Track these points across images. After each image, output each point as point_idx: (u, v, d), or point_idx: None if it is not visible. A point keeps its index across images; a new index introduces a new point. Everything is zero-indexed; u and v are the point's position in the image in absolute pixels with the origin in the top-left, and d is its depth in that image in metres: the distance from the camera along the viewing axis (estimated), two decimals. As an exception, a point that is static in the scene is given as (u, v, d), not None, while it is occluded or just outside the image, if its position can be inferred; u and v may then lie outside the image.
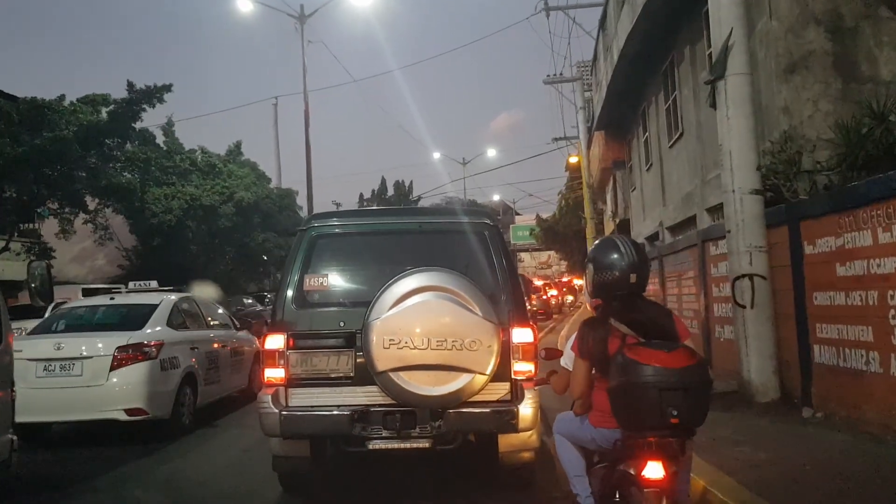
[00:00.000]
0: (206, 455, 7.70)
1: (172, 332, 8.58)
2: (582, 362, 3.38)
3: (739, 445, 6.18)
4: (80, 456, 7.60)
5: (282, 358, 5.01)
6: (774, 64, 8.51)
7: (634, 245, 3.39)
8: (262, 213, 33.00)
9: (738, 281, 7.85)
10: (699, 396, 3.02)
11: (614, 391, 3.13)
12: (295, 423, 4.95)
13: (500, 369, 4.78)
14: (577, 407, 3.57)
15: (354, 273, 5.42)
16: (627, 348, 3.09)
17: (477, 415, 4.85)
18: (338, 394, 4.99)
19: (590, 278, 3.45)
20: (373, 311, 4.71)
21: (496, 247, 5.28)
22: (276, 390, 5.03)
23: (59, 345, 7.81)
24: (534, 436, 5.21)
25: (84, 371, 7.67)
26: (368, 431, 4.92)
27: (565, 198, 45.47)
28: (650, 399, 2.93)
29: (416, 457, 5.54)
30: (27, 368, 7.47)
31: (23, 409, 6.49)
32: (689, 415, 2.98)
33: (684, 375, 2.96)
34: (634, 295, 3.34)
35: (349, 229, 5.58)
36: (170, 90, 22.30)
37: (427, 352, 4.58)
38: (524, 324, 5.06)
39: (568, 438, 3.67)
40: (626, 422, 3.12)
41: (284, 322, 5.09)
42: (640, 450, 3.07)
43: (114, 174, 23.38)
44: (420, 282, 4.73)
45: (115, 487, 6.42)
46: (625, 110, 17.86)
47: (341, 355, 5.01)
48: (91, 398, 7.63)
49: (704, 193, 10.70)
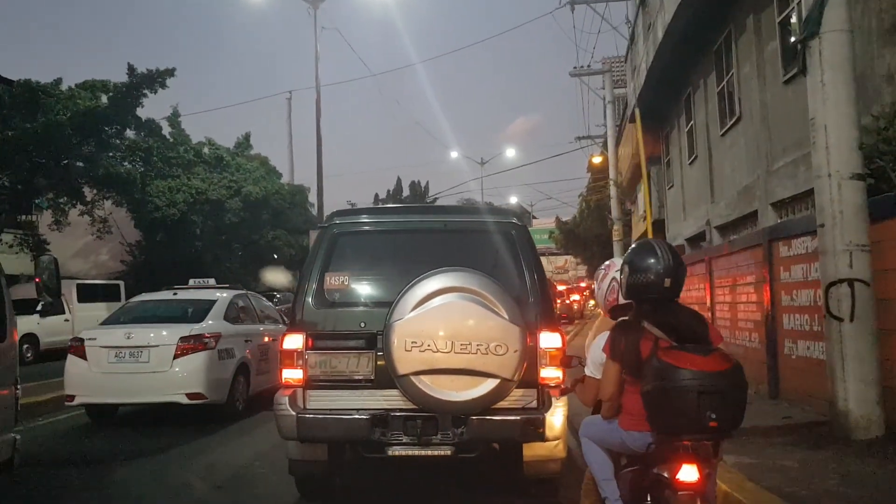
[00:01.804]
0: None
1: (229, 326, 9.23)
2: (613, 365, 3.34)
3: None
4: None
5: (300, 358, 4.87)
6: (876, 22, 6.93)
7: (671, 250, 3.35)
8: (271, 210, 31.66)
9: (833, 287, 6.29)
10: (737, 400, 3.00)
11: (650, 394, 3.06)
12: (312, 426, 4.81)
13: (527, 375, 4.63)
14: (605, 410, 3.48)
15: (377, 272, 5.20)
16: (662, 352, 3.05)
17: (502, 422, 4.68)
18: (357, 397, 4.83)
19: (624, 280, 3.40)
20: (395, 312, 4.56)
21: (524, 247, 5.08)
22: (294, 392, 4.90)
23: (129, 334, 8.60)
24: (560, 445, 4.99)
25: (151, 358, 8.43)
26: (388, 437, 4.75)
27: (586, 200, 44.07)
28: (689, 403, 2.92)
29: (437, 464, 5.46)
30: (101, 355, 8.48)
31: (97, 391, 8.35)
32: (728, 418, 2.97)
33: (722, 379, 2.96)
34: (667, 299, 3.31)
35: (372, 227, 5.38)
36: (173, 74, 21.00)
37: (450, 355, 4.42)
38: (552, 328, 4.86)
39: (596, 442, 3.62)
40: (662, 425, 3.08)
41: (303, 321, 4.95)
42: (675, 453, 3.06)
43: (113, 163, 22.08)
44: (444, 282, 4.57)
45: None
46: (664, 99, 16.29)
47: (361, 357, 4.85)
48: (156, 383, 8.40)
49: (769, 186, 9.17)
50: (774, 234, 8.69)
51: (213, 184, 28.46)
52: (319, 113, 23.80)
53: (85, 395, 8.54)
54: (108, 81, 21.88)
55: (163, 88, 21.03)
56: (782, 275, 8.43)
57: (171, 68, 20.98)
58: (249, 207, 29.71)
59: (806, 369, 7.92)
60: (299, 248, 30.68)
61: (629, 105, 20.56)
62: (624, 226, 25.33)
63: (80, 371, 8.54)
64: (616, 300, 3.71)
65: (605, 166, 33.30)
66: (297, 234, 31.79)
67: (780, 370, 8.60)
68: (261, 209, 30.65)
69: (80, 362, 8.55)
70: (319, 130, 23.85)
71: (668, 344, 3.10)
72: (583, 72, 25.18)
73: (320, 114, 23.74)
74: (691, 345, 3.08)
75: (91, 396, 8.54)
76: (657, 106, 16.97)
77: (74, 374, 8.59)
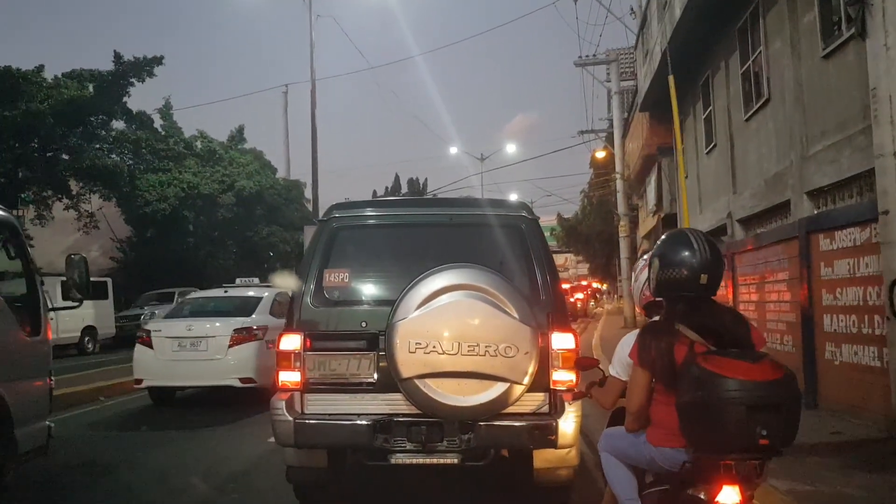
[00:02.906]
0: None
1: (273, 319, 9.68)
2: (642, 372, 2.96)
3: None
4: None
5: (298, 360, 4.61)
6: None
7: (709, 242, 2.94)
8: (266, 205, 30.77)
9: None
10: (791, 414, 2.57)
11: (688, 407, 2.66)
12: (310, 432, 4.53)
13: (538, 378, 4.33)
14: (630, 422, 3.11)
15: (379, 269, 4.94)
16: (702, 358, 2.64)
17: (511, 428, 4.41)
18: (358, 401, 4.58)
19: (654, 275, 3.04)
20: (398, 312, 4.29)
21: (534, 242, 4.80)
22: (291, 395, 4.62)
23: (189, 326, 9.73)
24: (573, 452, 4.71)
25: (209, 347, 9.48)
26: (391, 444, 4.50)
27: (589, 196, 43.18)
28: (737, 417, 2.50)
29: (442, 472, 5.33)
30: (165, 344, 9.59)
31: (162, 376, 9.57)
32: (781, 435, 2.55)
33: (775, 390, 2.54)
34: (704, 298, 2.93)
35: (374, 221, 5.11)
36: (161, 62, 20.10)
37: (457, 357, 4.16)
38: (565, 328, 4.58)
39: (619, 457, 3.27)
40: (702, 441, 2.67)
41: (302, 321, 4.70)
42: (716, 473, 2.66)
43: (99, 155, 21.16)
44: (450, 280, 4.30)
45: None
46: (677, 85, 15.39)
47: (363, 359, 4.59)
48: (213, 369, 9.43)
49: (805, 173, 8.29)
50: (813, 226, 7.81)
51: (206, 178, 27.60)
52: (314, 104, 22.89)
53: (151, 379, 9.77)
54: (97, 71, 20.96)
55: (150, 77, 20.14)
56: (823, 271, 7.56)
57: (158, 56, 20.10)
58: (243, 202, 28.84)
59: (852, 377, 7.05)
60: (295, 245, 29.75)
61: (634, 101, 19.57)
62: (630, 221, 24.44)
63: (147, 358, 9.73)
64: (653, 297, 3.26)
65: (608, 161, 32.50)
66: (293, 230, 30.79)
67: (818, 377, 7.73)
68: (255, 204, 29.76)
69: (147, 351, 9.74)
70: (314, 120, 22.94)
71: (706, 349, 2.73)
72: (588, 61, 24.23)
73: (315, 105, 22.84)
74: (735, 350, 2.72)
75: (157, 380, 9.79)
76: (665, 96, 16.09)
77: (142, 360, 9.78)
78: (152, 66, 20.04)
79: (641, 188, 25.02)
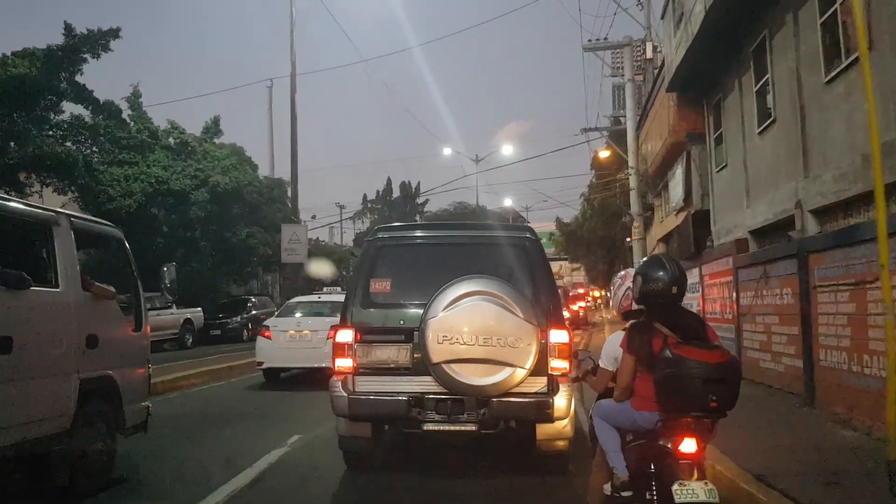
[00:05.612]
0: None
1: None
2: (630, 357, 4.00)
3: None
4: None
5: (350, 350, 5.88)
6: None
7: (676, 263, 4.03)
8: (245, 204, 28.27)
9: None
10: (733, 386, 3.67)
11: (662, 380, 3.73)
12: (361, 405, 5.83)
13: (539, 365, 5.60)
14: (619, 394, 4.12)
15: (413, 278, 6.14)
16: (673, 346, 3.72)
17: (517, 404, 5.66)
18: (397, 382, 5.83)
19: (637, 288, 4.08)
20: (429, 311, 5.56)
21: (536, 258, 6.14)
22: (346, 377, 5.90)
23: (298, 323, 13.08)
24: (568, 426, 5.91)
25: (313, 339, 12.60)
26: (423, 415, 5.74)
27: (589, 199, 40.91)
28: (695, 387, 3.59)
29: (463, 445, 6.43)
30: (281, 336, 12.88)
31: (278, 359, 12.99)
32: (726, 401, 3.64)
33: (723, 369, 3.65)
34: (674, 303, 3.98)
35: (409, 240, 6.53)
36: (117, 36, 17.71)
37: (475, 347, 5.42)
38: (560, 326, 5.89)
39: (607, 421, 4.25)
40: (671, 405, 3.73)
41: (353, 319, 5.97)
42: (679, 428, 3.72)
43: (49, 142, 18.67)
44: (470, 287, 5.58)
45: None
46: (712, 59, 13.11)
47: (401, 349, 5.84)
48: (316, 355, 12.17)
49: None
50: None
51: (177, 172, 25.16)
52: (294, 89, 20.64)
53: (270, 362, 12.90)
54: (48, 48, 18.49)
55: (105, 52, 17.70)
56: None
57: (115, 28, 17.71)
58: (218, 200, 26.37)
59: None
60: (277, 248, 27.28)
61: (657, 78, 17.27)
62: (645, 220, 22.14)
63: (267, 346, 12.86)
64: (630, 306, 4.43)
65: (612, 161, 30.21)
66: (275, 231, 28.28)
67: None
68: (232, 202, 27.29)
69: (267, 341, 12.89)
70: (294, 110, 20.69)
71: (676, 340, 3.77)
72: (599, 45, 21.99)
73: (295, 90, 20.58)
74: (697, 341, 3.78)
75: (274, 363, 12.93)
76: (701, 70, 13.82)
77: (264, 348, 12.92)
78: (108, 39, 17.64)
79: (660, 183, 22.68)
